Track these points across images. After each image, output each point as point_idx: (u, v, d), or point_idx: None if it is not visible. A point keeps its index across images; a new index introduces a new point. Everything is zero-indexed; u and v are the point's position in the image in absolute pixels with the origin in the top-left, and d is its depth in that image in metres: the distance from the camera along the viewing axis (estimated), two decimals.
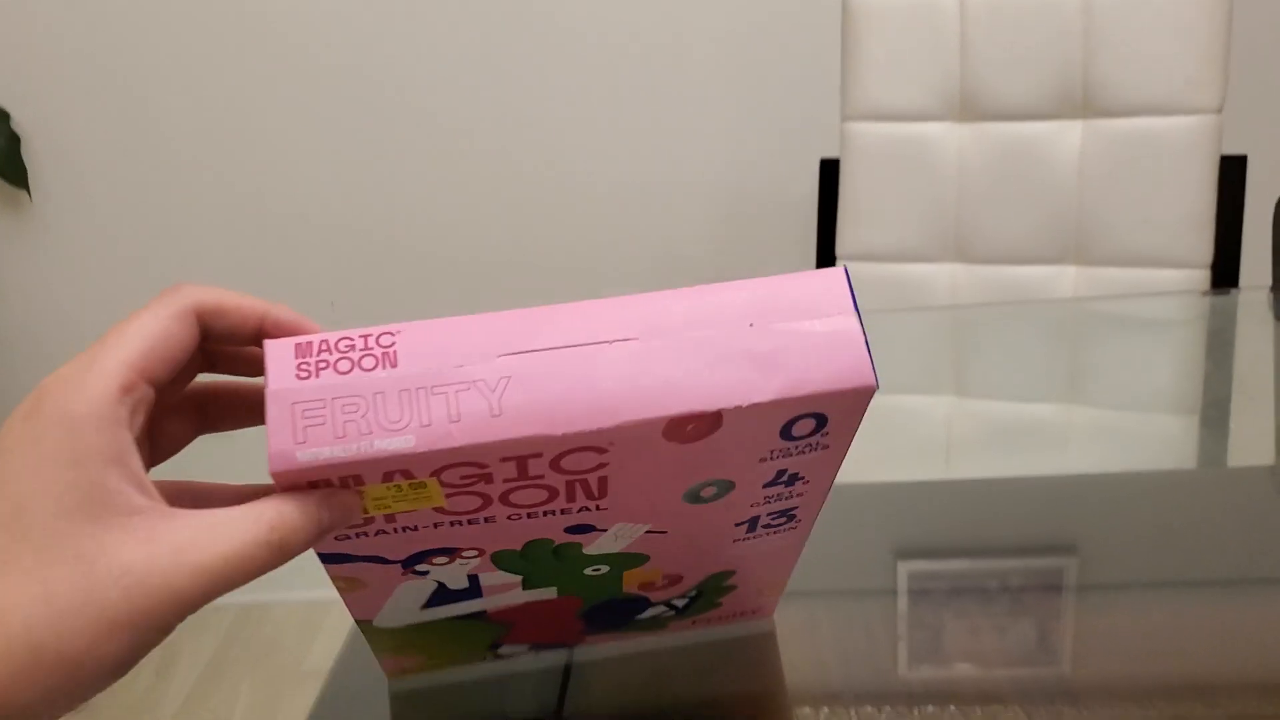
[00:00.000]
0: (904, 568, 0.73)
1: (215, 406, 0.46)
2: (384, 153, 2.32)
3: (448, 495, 0.41)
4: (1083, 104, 1.38)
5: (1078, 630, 0.67)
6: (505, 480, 0.41)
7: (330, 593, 0.49)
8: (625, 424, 0.39)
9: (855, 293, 0.42)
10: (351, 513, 0.41)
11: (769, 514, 0.50)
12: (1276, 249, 1.23)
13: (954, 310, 1.38)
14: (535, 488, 0.42)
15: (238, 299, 0.42)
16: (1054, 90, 1.39)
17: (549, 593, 0.53)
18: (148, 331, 0.39)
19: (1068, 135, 1.39)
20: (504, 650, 0.60)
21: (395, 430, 0.38)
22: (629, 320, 0.40)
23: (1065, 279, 1.40)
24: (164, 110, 2.34)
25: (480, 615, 0.54)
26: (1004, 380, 1.17)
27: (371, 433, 0.38)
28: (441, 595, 0.51)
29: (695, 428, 0.40)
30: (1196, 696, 0.59)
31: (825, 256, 1.48)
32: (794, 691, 0.60)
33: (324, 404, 0.38)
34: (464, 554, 0.47)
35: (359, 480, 0.39)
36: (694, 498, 0.46)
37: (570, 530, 0.46)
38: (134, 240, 2.41)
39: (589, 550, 0.49)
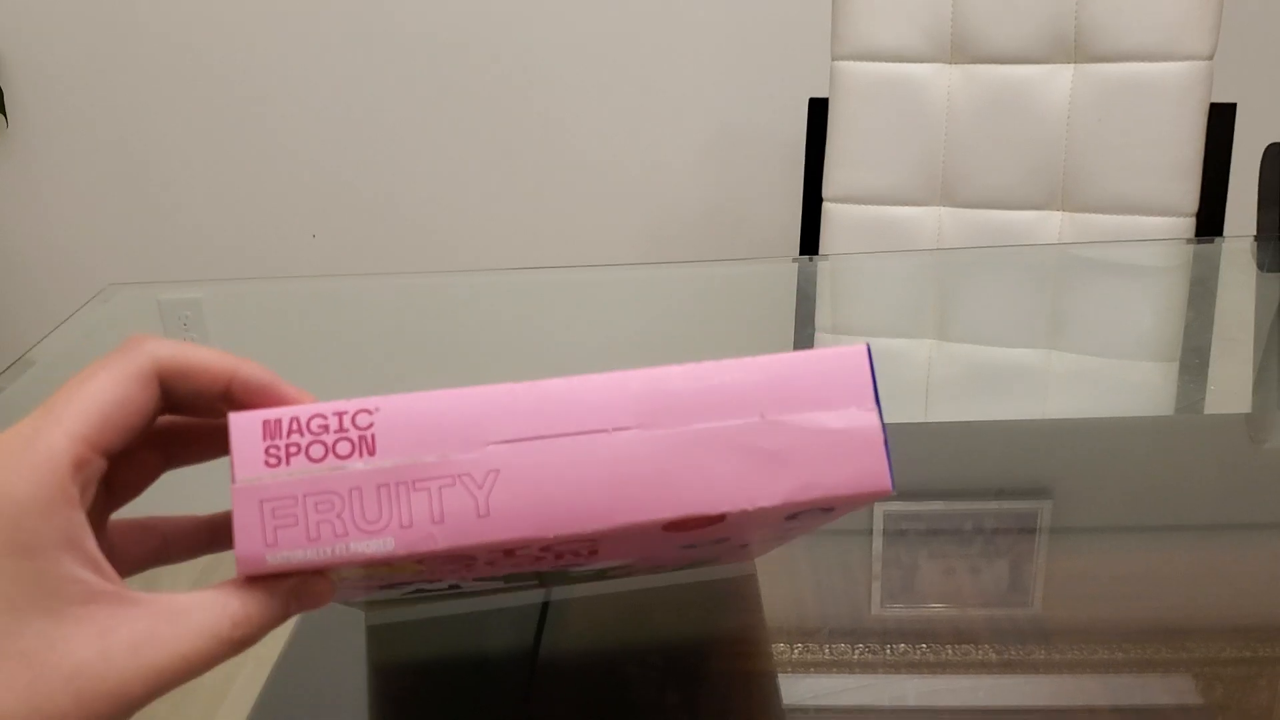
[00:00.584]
0: (880, 508, 0.74)
1: (180, 444, 0.42)
2: (372, 78, 2.30)
3: (428, 570, 0.40)
4: (1074, 48, 1.37)
5: (1050, 572, 0.67)
6: (488, 562, 0.39)
7: None
8: (620, 528, 0.36)
9: (876, 375, 0.39)
10: (322, 600, 0.38)
11: (765, 541, 0.50)
12: (1262, 198, 1.23)
13: (938, 254, 1.37)
14: (521, 562, 0.41)
15: (203, 359, 0.38)
16: (1046, 33, 1.38)
17: (529, 582, 0.53)
18: (103, 399, 0.35)
19: (1058, 79, 1.38)
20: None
21: (373, 532, 0.35)
22: (627, 403, 0.36)
23: (1051, 224, 1.40)
24: (143, 29, 2.30)
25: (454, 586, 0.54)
26: (986, 324, 1.17)
27: (347, 534, 0.35)
28: (419, 593, 0.51)
29: (696, 524, 0.37)
30: (1164, 640, 0.60)
31: (812, 197, 1.47)
32: (770, 628, 0.61)
33: (295, 501, 0.35)
34: (442, 582, 0.45)
35: (334, 570, 0.37)
36: (690, 547, 0.45)
37: (564, 567, 0.45)
38: (113, 165, 2.39)
39: (574, 571, 0.48)
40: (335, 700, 0.59)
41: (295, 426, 0.35)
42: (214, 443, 0.42)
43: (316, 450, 0.35)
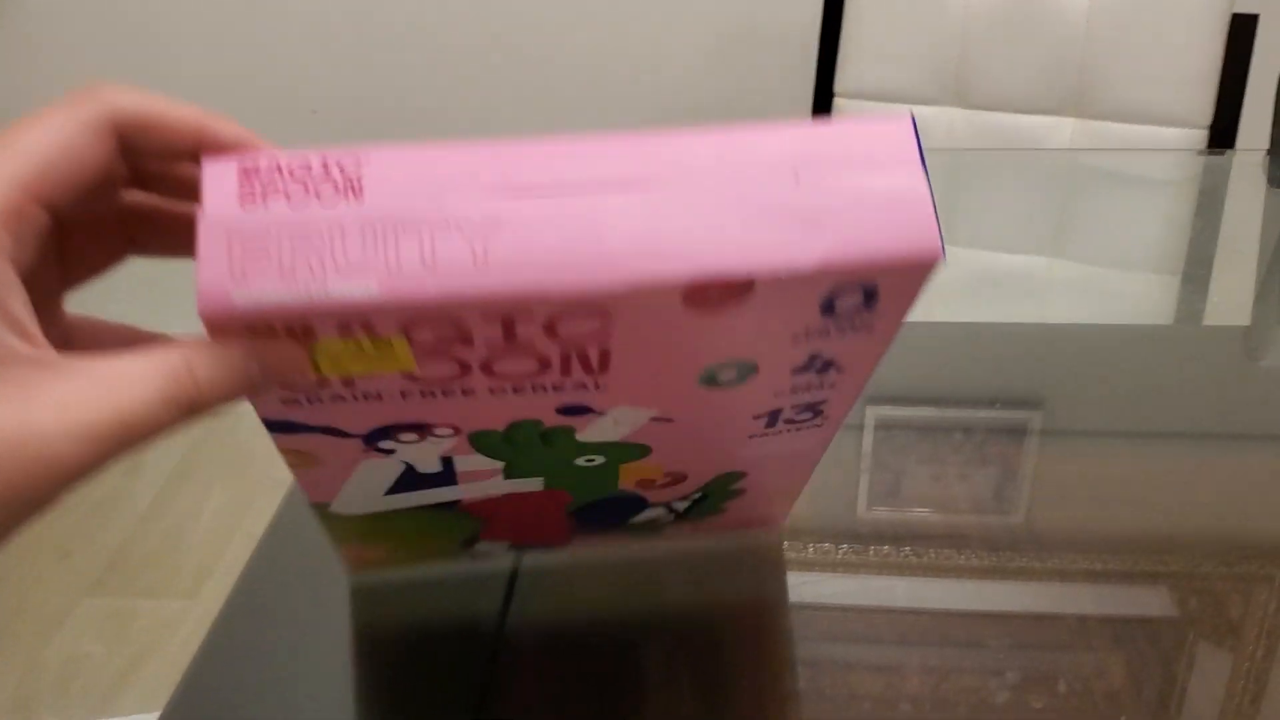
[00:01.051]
0: (872, 411, 0.74)
1: (147, 227, 0.37)
2: None
3: (419, 358, 0.34)
4: None
5: (1039, 479, 0.68)
6: (488, 345, 0.34)
7: None
8: (636, 285, 0.31)
9: (923, 147, 0.35)
10: (293, 370, 0.34)
11: (794, 406, 0.42)
12: (1278, 112, 1.21)
13: (947, 154, 1.36)
14: (524, 356, 0.35)
15: (166, 110, 0.33)
16: None
17: (534, 484, 0.46)
18: (44, 144, 0.31)
19: None
20: (480, 548, 0.53)
21: (355, 273, 0.30)
22: (647, 161, 0.32)
23: (1063, 130, 1.38)
24: None
25: (453, 506, 0.47)
26: (991, 229, 1.16)
27: (325, 274, 0.30)
28: (409, 479, 0.44)
29: (721, 295, 0.33)
30: (1149, 549, 0.61)
31: (823, 91, 1.45)
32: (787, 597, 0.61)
33: (270, 238, 0.30)
34: (436, 431, 0.40)
35: (309, 333, 0.32)
36: (710, 380, 0.38)
37: (563, 411, 0.39)
38: (110, 34, 2.34)
39: (582, 437, 0.41)
40: (318, 661, 0.60)
41: (276, 170, 0.31)
42: (185, 234, 0.34)
43: (297, 193, 0.31)
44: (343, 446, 0.40)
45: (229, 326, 0.31)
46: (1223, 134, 1.33)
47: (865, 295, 0.35)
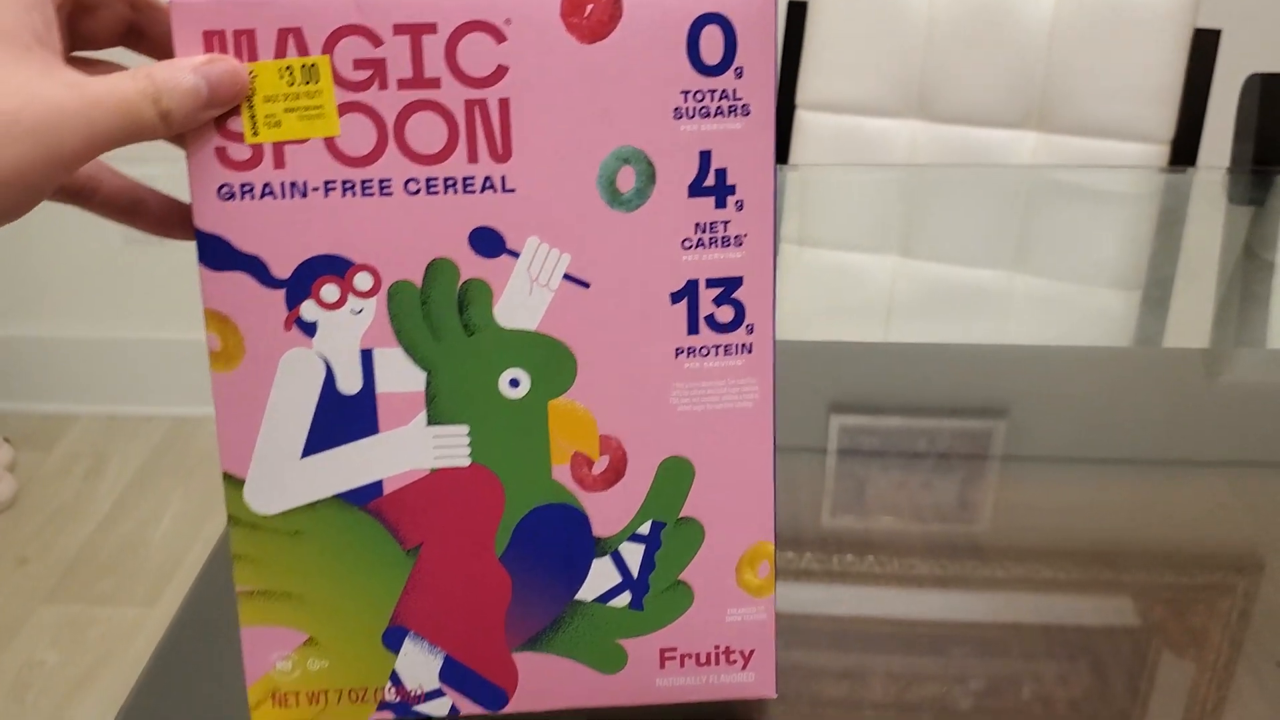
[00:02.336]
0: (836, 421, 0.74)
1: (143, 18, 0.44)
2: None
3: (341, 111, 0.42)
4: None
5: (999, 493, 0.68)
6: (400, 83, 0.42)
7: None
8: None
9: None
10: (237, 82, 0.41)
11: (709, 284, 0.45)
12: (1239, 129, 1.22)
13: (909, 170, 1.37)
14: (432, 110, 0.42)
15: None
16: None
17: (460, 451, 0.46)
18: None
19: None
20: (406, 654, 0.48)
21: None
22: None
23: (1025, 144, 1.38)
24: None
25: (380, 528, 0.46)
26: (952, 244, 1.17)
27: None
28: (329, 415, 0.45)
29: (595, 11, 0.41)
30: (1105, 562, 0.61)
31: (785, 101, 1.45)
32: None
33: None
34: (356, 284, 0.43)
35: (252, 48, 0.41)
36: (612, 194, 0.43)
37: (476, 244, 0.43)
38: None
39: (500, 314, 0.44)
40: None
41: None
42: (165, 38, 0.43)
43: None
44: (265, 312, 0.44)
45: (189, 25, 0.40)
46: (1184, 150, 1.34)
47: (725, 41, 0.42)
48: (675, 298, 0.45)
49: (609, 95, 0.42)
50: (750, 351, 0.46)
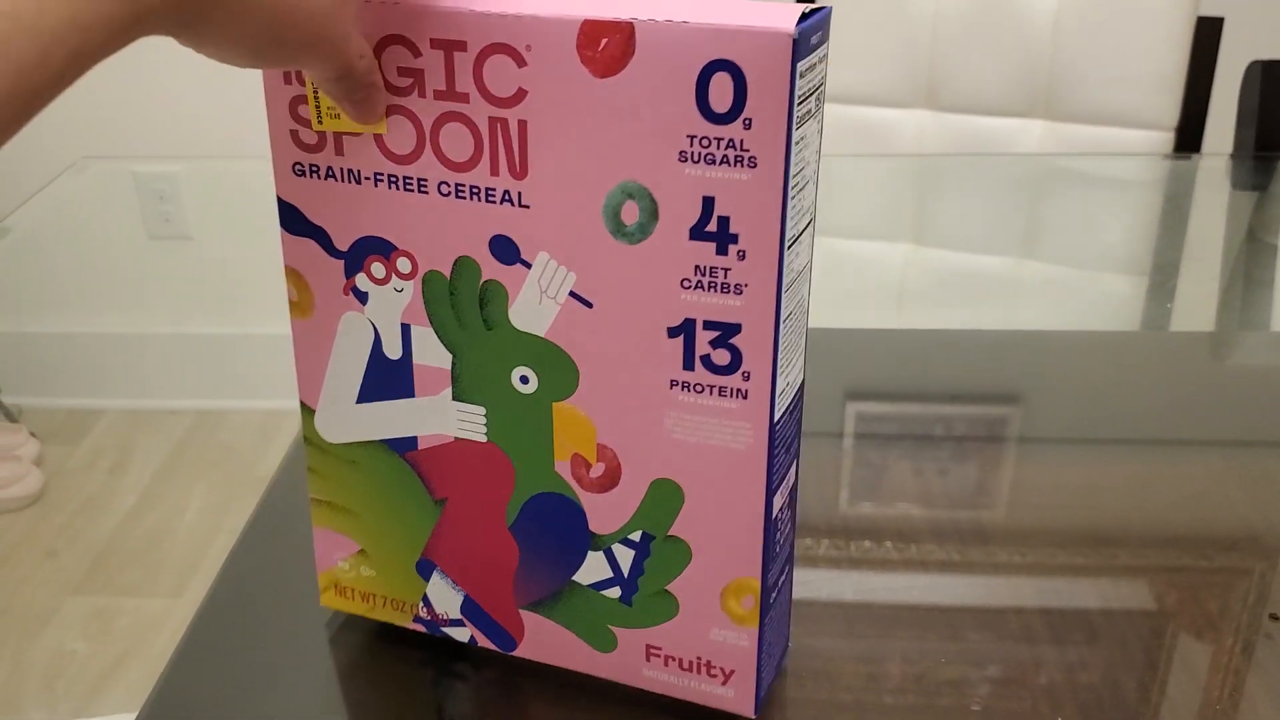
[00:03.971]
0: (852, 409, 0.75)
1: None
2: None
3: (388, 112, 0.46)
4: None
5: (1013, 478, 0.69)
6: (436, 94, 0.44)
7: (285, 402, 0.49)
8: (540, 17, 0.42)
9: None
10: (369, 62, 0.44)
11: (706, 325, 0.45)
12: (1242, 115, 1.23)
13: (918, 159, 1.37)
14: (462, 122, 0.45)
15: None
16: None
17: (478, 427, 0.50)
18: None
19: None
20: (433, 587, 0.55)
21: None
22: None
23: (1031, 133, 1.39)
24: None
25: (412, 463, 0.52)
26: (961, 232, 1.17)
27: None
28: (377, 373, 0.51)
29: (609, 46, 0.42)
30: (1113, 547, 0.62)
31: None
32: None
33: None
34: (399, 266, 0.48)
35: None
36: (617, 225, 0.44)
37: (496, 249, 0.46)
38: None
39: (515, 315, 0.47)
40: (296, 659, 0.60)
41: None
42: None
43: None
44: (330, 274, 0.50)
45: None
46: (1189, 136, 1.35)
47: (735, 88, 0.41)
48: (672, 332, 0.45)
49: (618, 130, 0.43)
50: (745, 397, 0.45)
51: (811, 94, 0.42)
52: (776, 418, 0.46)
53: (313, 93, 0.47)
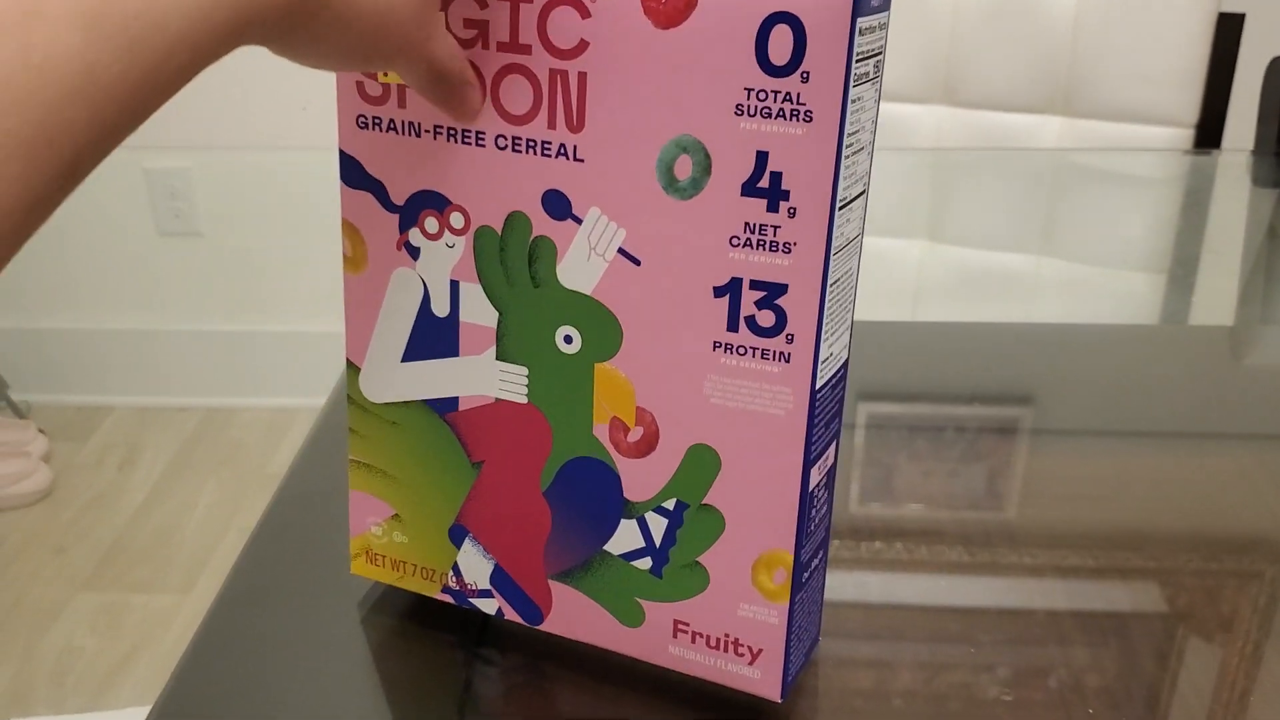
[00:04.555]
0: (863, 408, 0.75)
1: None
2: None
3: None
4: None
5: (1027, 476, 0.68)
6: (499, 46, 0.45)
7: (296, 399, 0.48)
8: None
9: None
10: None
11: (752, 285, 0.45)
12: (1263, 112, 1.22)
13: (936, 153, 1.37)
14: (523, 75, 0.45)
15: None
16: None
17: (519, 388, 0.50)
18: None
19: None
20: (464, 555, 0.55)
21: None
22: None
23: (1050, 129, 1.38)
24: None
25: (451, 424, 0.52)
26: (979, 227, 1.17)
27: None
28: (423, 330, 0.51)
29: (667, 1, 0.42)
30: (1129, 546, 0.61)
31: None
32: None
33: None
34: (452, 219, 0.49)
35: None
36: (669, 180, 0.45)
37: (549, 203, 0.47)
38: None
39: (562, 272, 0.48)
40: (308, 656, 0.60)
41: None
42: None
43: None
44: (384, 228, 0.50)
45: None
46: (1209, 133, 1.34)
47: (795, 42, 0.41)
48: (718, 292, 0.45)
49: (676, 82, 0.43)
50: (788, 361, 0.45)
51: (870, 57, 0.42)
52: (819, 385, 0.46)
53: None
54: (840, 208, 0.43)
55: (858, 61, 0.41)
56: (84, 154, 0.30)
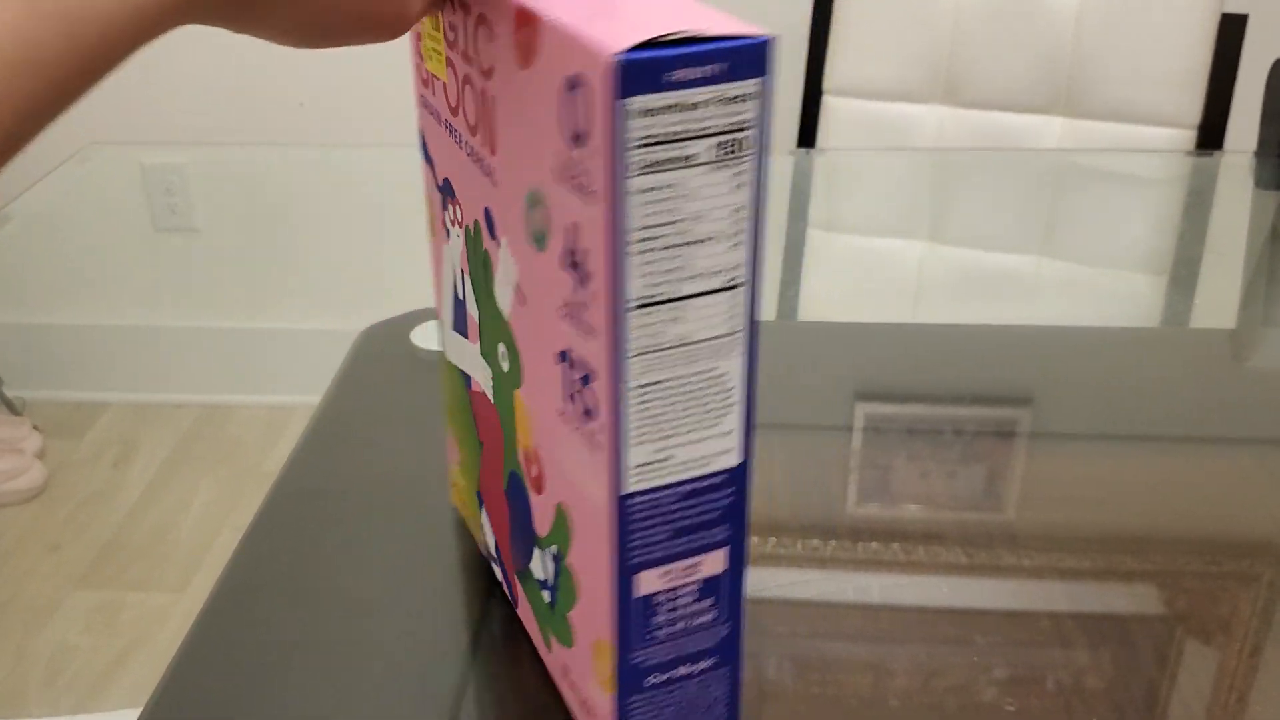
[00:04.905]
0: (861, 409, 0.74)
1: None
2: None
3: (446, 63, 0.47)
4: None
5: (1025, 478, 0.68)
6: (464, 55, 0.44)
7: (292, 397, 0.48)
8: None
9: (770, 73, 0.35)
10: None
11: (573, 363, 0.40)
12: (1265, 113, 1.22)
13: (937, 154, 1.36)
14: (471, 87, 0.44)
15: None
16: None
17: (489, 388, 0.50)
18: None
19: None
20: (484, 519, 0.56)
21: None
22: None
23: (1052, 130, 1.38)
24: None
25: (471, 410, 0.54)
26: (980, 228, 1.16)
27: None
28: (456, 305, 0.53)
29: (527, 36, 0.37)
30: (1129, 549, 0.61)
31: (813, 88, 1.45)
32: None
33: None
34: (455, 211, 0.50)
35: None
36: (530, 228, 0.40)
37: (486, 218, 0.45)
38: None
39: (496, 289, 0.45)
40: (302, 655, 0.60)
41: None
42: None
43: None
44: (436, 204, 0.53)
45: None
46: (1211, 134, 1.34)
47: (585, 107, 0.34)
48: (559, 358, 0.41)
49: (529, 127, 0.39)
50: (603, 450, 0.39)
51: (693, 138, 0.34)
52: (632, 489, 0.39)
53: (424, 33, 0.49)
54: (639, 307, 0.36)
55: (663, 144, 0.34)
56: (26, 125, 0.30)
